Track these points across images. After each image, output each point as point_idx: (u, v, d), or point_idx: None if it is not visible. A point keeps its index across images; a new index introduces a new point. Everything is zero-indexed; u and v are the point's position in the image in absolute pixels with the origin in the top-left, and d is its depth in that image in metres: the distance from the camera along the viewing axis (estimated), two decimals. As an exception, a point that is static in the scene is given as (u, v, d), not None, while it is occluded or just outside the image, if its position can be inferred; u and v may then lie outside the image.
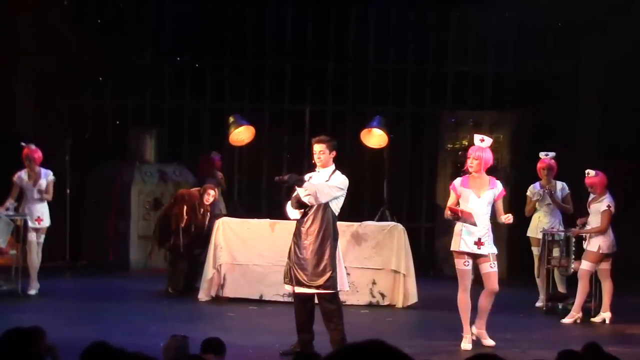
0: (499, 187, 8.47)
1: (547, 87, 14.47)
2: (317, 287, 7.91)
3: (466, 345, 8.48)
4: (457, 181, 8.53)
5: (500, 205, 8.48)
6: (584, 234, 10.16)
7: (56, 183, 11.24)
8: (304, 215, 8.01)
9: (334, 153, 8.11)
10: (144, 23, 14.82)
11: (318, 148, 8.08)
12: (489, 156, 8.50)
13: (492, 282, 8.37)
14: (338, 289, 8.01)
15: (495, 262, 8.41)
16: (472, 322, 8.58)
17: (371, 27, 15.01)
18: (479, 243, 8.31)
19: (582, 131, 14.44)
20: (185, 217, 11.32)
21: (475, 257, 8.37)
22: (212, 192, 11.52)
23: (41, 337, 5.17)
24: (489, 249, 8.36)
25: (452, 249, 8.48)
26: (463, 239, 8.34)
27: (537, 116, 14.10)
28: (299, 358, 5.43)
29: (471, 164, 8.43)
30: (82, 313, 10.13)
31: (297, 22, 15.01)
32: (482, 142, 8.48)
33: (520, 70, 14.87)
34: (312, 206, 7.96)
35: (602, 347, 5.72)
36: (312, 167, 8.28)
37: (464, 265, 8.38)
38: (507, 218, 8.41)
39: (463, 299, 8.46)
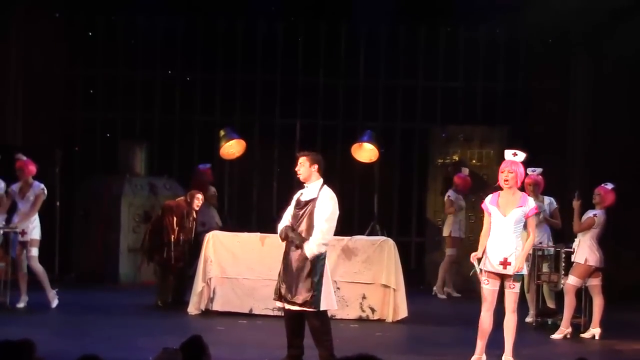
0: (529, 205, 8.10)
1: (537, 102, 14.53)
2: (301, 305, 7.91)
3: None
4: (488, 199, 8.21)
5: (530, 223, 8.17)
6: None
7: (46, 197, 11.16)
8: None
9: (315, 166, 8.06)
10: (135, 36, 14.84)
11: (299, 160, 8.11)
12: (522, 171, 8.17)
13: (506, 302, 8.14)
14: (322, 308, 7.95)
15: (517, 284, 8.10)
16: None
17: (361, 43, 15.06)
18: (504, 263, 8.02)
19: (572, 147, 14.49)
20: (176, 228, 11.29)
21: (501, 276, 8.11)
22: (199, 196, 11.46)
23: (31, 349, 5.14)
24: (515, 269, 8.05)
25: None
26: (488, 257, 8.10)
27: (527, 132, 14.14)
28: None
29: (506, 178, 8.06)
30: (71, 326, 10.09)
31: (288, 37, 15.05)
32: (515, 157, 8.14)
33: (510, 86, 14.94)
34: (299, 225, 7.96)
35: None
36: (301, 183, 8.26)
37: (484, 284, 8.12)
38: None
39: (481, 318, 8.21)
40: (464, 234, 13.18)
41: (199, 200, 11.42)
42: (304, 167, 8.06)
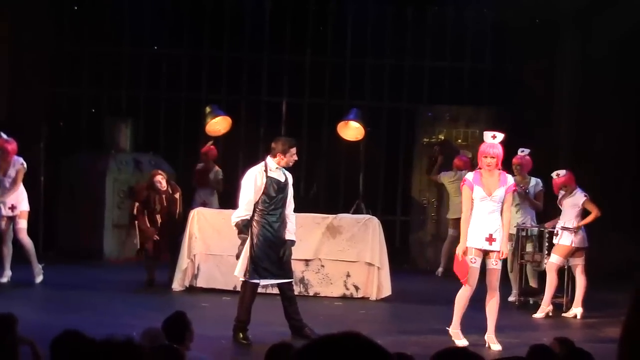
0: (508, 182, 8.34)
1: (524, 84, 14.52)
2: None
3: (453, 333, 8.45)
4: (469, 176, 8.36)
5: (507, 200, 8.32)
6: (571, 227, 10.13)
7: (27, 172, 11.10)
8: None
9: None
10: (122, 12, 14.73)
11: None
12: (501, 151, 8.34)
13: (489, 279, 8.28)
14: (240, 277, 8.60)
15: (499, 261, 8.26)
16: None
17: (349, 22, 15.01)
18: (490, 239, 8.18)
19: (557, 129, 14.50)
20: (139, 213, 11.12)
21: (485, 253, 8.25)
22: (159, 176, 11.11)
23: (13, 323, 5.13)
24: (499, 245, 8.21)
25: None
26: (473, 234, 8.23)
27: (513, 113, 14.15)
28: (273, 349, 5.43)
29: (489, 163, 8.21)
30: (55, 302, 10.09)
31: (276, 15, 14.98)
32: (494, 139, 8.28)
33: (497, 66, 14.92)
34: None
35: (573, 342, 5.77)
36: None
37: (471, 262, 8.22)
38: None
39: (461, 294, 8.34)
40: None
41: (159, 182, 11.04)
42: None
